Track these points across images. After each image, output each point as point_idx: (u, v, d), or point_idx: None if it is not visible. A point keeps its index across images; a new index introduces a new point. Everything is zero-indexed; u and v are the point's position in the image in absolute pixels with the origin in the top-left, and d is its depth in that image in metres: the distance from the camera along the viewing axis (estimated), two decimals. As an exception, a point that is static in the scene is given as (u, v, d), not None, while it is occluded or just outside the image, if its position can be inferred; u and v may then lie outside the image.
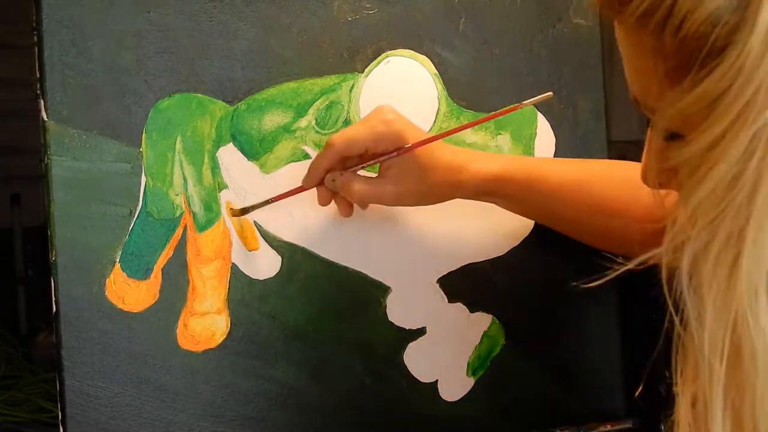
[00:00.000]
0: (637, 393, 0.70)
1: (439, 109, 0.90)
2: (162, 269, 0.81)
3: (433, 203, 0.85)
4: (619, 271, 0.59)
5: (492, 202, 0.86)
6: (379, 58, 0.87)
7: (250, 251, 0.83)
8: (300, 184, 0.83)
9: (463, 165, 0.83)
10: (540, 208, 0.86)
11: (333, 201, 0.84)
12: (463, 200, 0.90)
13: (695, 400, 0.53)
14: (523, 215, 0.89)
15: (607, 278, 0.61)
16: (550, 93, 0.81)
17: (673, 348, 0.55)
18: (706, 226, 0.51)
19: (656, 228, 0.56)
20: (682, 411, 0.54)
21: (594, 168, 0.88)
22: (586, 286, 0.65)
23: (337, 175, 0.81)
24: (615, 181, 0.85)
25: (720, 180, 0.50)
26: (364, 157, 0.82)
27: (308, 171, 0.82)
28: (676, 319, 0.54)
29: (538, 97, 0.81)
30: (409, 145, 0.80)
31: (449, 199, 0.85)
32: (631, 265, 0.57)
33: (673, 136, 0.56)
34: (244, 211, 0.82)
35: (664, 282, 0.54)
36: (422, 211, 0.87)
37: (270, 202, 0.82)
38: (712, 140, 0.50)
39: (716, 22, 0.50)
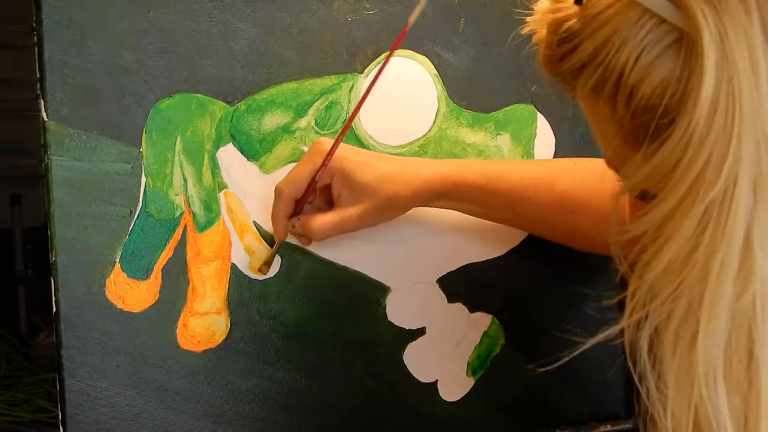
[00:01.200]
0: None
1: (438, 109, 0.90)
2: (162, 269, 0.81)
3: (395, 216, 0.84)
4: (581, 349, 0.59)
5: (452, 208, 0.85)
6: (379, 58, 0.87)
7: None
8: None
9: (415, 171, 0.82)
10: (502, 210, 0.85)
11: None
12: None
13: None
14: (487, 219, 0.87)
15: (573, 354, 0.60)
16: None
17: (639, 422, 0.54)
18: (664, 300, 0.50)
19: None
20: None
21: (556, 165, 0.87)
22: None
23: (294, 221, 0.81)
24: (578, 175, 0.83)
25: (675, 255, 0.50)
26: (314, 189, 0.81)
27: (272, 223, 0.82)
28: (643, 392, 0.53)
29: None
30: (329, 148, 0.80)
31: (409, 208, 0.83)
32: (594, 342, 0.56)
33: (644, 195, 0.55)
34: (267, 264, 0.83)
35: (627, 355, 0.53)
36: (422, 211, 0.87)
37: (274, 251, 0.83)
38: (666, 213, 0.50)
39: (663, 93, 0.50)
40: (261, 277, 0.84)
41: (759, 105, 0.47)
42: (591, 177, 0.82)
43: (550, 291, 0.94)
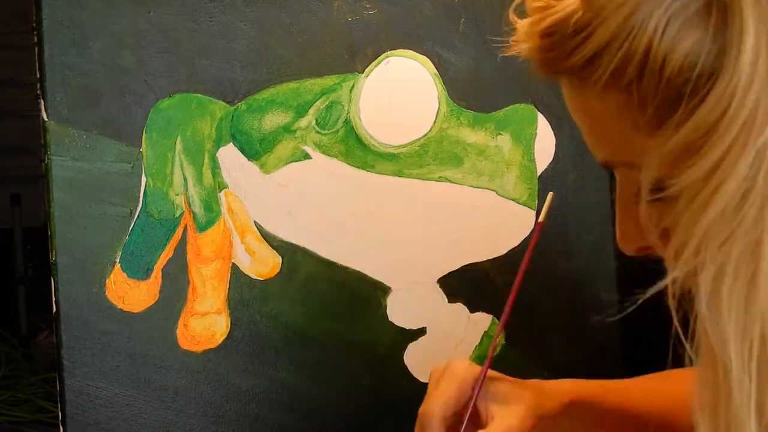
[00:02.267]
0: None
1: (439, 109, 0.90)
2: (162, 269, 0.81)
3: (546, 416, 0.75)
4: (637, 304, 0.57)
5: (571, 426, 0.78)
6: (379, 58, 0.87)
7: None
8: (299, 184, 0.83)
9: (542, 386, 0.76)
10: (620, 422, 0.77)
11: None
12: (461, 199, 0.90)
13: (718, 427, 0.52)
14: None
15: (631, 309, 0.59)
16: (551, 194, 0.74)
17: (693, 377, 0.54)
18: (719, 247, 0.50)
19: None
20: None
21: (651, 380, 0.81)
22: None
23: None
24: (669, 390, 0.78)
25: (729, 199, 0.49)
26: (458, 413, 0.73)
27: None
28: (689, 348, 0.52)
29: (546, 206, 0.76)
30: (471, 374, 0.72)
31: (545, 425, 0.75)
32: (649, 294, 0.55)
33: (655, 192, 0.54)
34: None
35: (673, 314, 0.53)
36: (422, 211, 0.87)
37: None
38: (712, 164, 0.49)
39: (698, 57, 0.49)
40: (261, 278, 0.84)
41: None
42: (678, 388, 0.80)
43: (550, 291, 0.94)
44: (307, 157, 0.85)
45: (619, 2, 0.51)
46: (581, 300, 0.93)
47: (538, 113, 0.93)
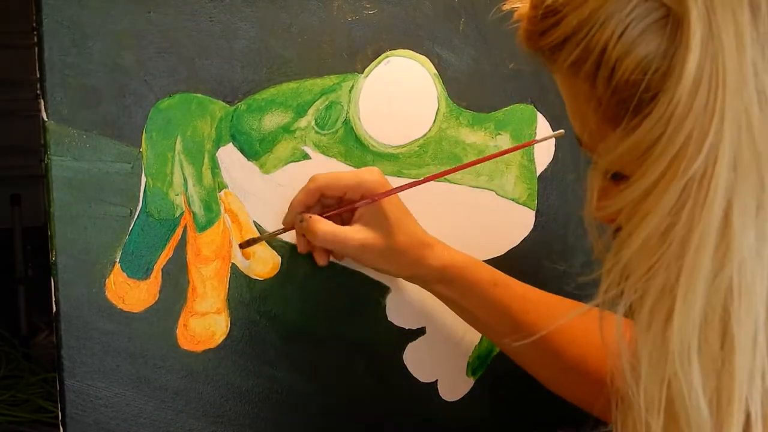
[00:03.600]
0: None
1: (438, 109, 0.90)
2: (162, 269, 0.81)
3: (391, 273, 0.83)
4: (555, 325, 0.57)
5: (447, 296, 0.83)
6: (379, 58, 0.87)
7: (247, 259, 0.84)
8: (299, 184, 0.83)
9: (434, 244, 0.82)
10: (498, 316, 0.82)
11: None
12: (463, 199, 0.90)
13: None
14: (477, 324, 0.85)
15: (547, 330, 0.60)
16: (562, 131, 0.79)
17: (612, 404, 0.54)
18: (640, 277, 0.50)
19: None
20: None
21: (558, 297, 0.85)
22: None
23: (305, 216, 0.80)
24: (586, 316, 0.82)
25: (652, 232, 0.49)
26: (342, 203, 0.81)
27: (288, 208, 0.82)
28: (616, 373, 0.52)
29: (551, 134, 0.79)
30: (385, 191, 0.80)
31: (407, 275, 0.83)
32: (567, 319, 0.56)
33: (617, 177, 0.55)
34: (249, 243, 0.83)
35: (600, 333, 0.53)
36: (422, 211, 0.87)
37: (269, 236, 0.83)
38: (645, 189, 0.49)
39: (646, 69, 0.50)
40: (261, 278, 0.84)
41: (743, 83, 0.47)
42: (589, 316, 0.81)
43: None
44: (306, 157, 0.85)
45: None
46: (581, 300, 0.93)
47: (538, 113, 0.93)
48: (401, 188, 0.81)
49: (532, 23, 0.56)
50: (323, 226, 0.80)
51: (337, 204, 0.82)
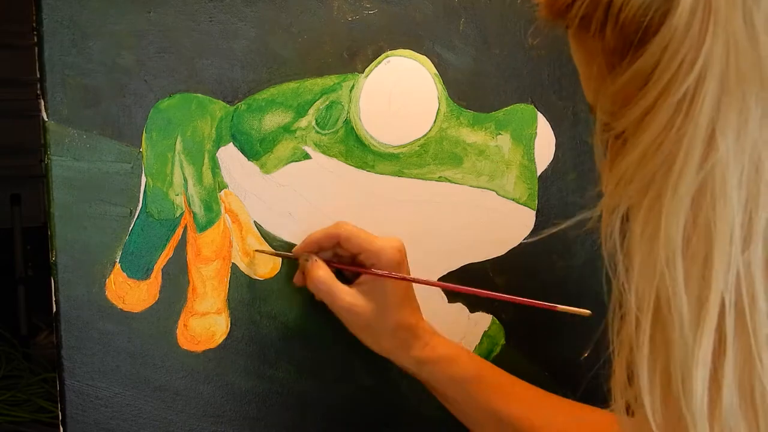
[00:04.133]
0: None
1: (439, 109, 0.90)
2: (162, 269, 0.81)
3: (372, 348, 0.83)
4: (558, 228, 0.65)
5: (425, 383, 0.84)
6: (379, 58, 0.87)
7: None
8: (299, 184, 0.83)
9: (423, 335, 0.83)
10: (482, 408, 0.83)
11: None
12: (463, 199, 0.90)
13: (630, 361, 0.56)
14: (453, 410, 0.85)
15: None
16: (588, 311, 0.79)
17: (609, 311, 0.58)
18: (636, 187, 0.55)
19: None
20: (618, 373, 0.57)
21: (558, 400, 0.85)
22: None
23: (311, 256, 0.82)
24: (575, 419, 0.83)
25: (648, 145, 0.54)
26: (355, 261, 0.83)
27: (304, 239, 0.83)
28: (614, 280, 0.57)
29: (575, 309, 0.80)
30: (395, 275, 0.81)
31: (387, 355, 0.83)
32: (569, 223, 0.62)
33: (606, 133, 0.59)
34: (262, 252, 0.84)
35: (603, 246, 0.57)
36: (422, 211, 0.87)
37: (281, 256, 0.84)
38: (642, 111, 0.54)
39: (649, 7, 0.54)
40: (261, 278, 0.84)
41: (732, 11, 0.51)
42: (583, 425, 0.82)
43: (550, 291, 0.94)
44: (307, 157, 0.85)
45: None
46: (581, 300, 0.93)
47: (538, 113, 0.93)
48: (413, 280, 0.82)
49: None
50: (321, 273, 0.81)
51: (350, 258, 0.83)
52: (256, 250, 0.83)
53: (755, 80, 0.52)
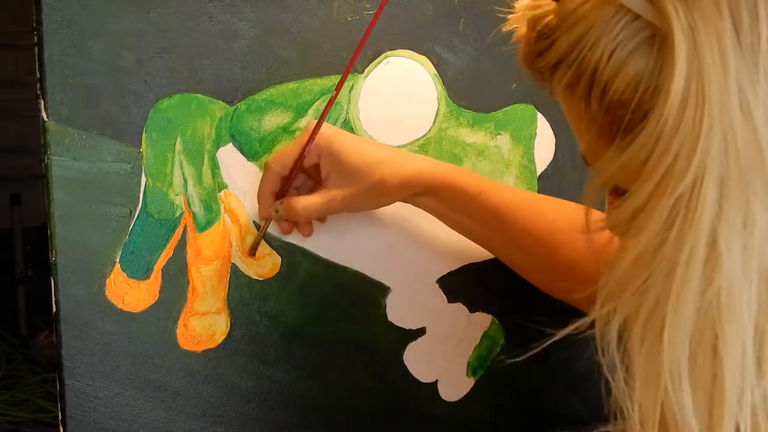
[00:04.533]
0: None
1: (438, 109, 0.90)
2: (162, 269, 0.81)
3: (381, 204, 0.83)
4: (552, 340, 0.59)
5: (437, 211, 0.83)
6: (379, 58, 0.87)
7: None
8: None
9: (407, 161, 0.82)
10: (488, 225, 0.83)
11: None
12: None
13: None
14: (471, 235, 0.85)
15: (543, 346, 0.61)
16: None
17: (611, 414, 0.55)
18: (633, 293, 0.51)
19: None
20: None
21: (549, 198, 0.86)
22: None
23: (278, 205, 0.81)
24: (568, 214, 0.83)
25: (644, 248, 0.50)
26: (308, 171, 0.82)
27: (258, 202, 0.82)
28: (612, 386, 0.54)
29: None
30: (315, 122, 0.80)
31: (397, 198, 0.82)
32: (564, 333, 0.56)
33: (617, 191, 0.56)
34: (254, 248, 0.83)
35: (598, 348, 0.54)
36: (422, 211, 0.87)
37: (262, 232, 0.83)
38: (637, 206, 0.51)
39: (636, 88, 0.50)
40: (261, 278, 0.84)
41: (727, 100, 0.48)
42: (578, 216, 0.82)
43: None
44: (307, 157, 0.85)
45: (579, 17, 0.52)
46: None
47: (538, 113, 0.93)
48: (322, 117, 0.80)
49: (528, 45, 0.57)
50: (300, 203, 0.80)
51: (307, 175, 0.82)
52: (251, 249, 0.83)
53: (759, 182, 0.48)
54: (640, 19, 0.50)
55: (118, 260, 0.79)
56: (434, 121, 0.90)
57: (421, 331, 0.90)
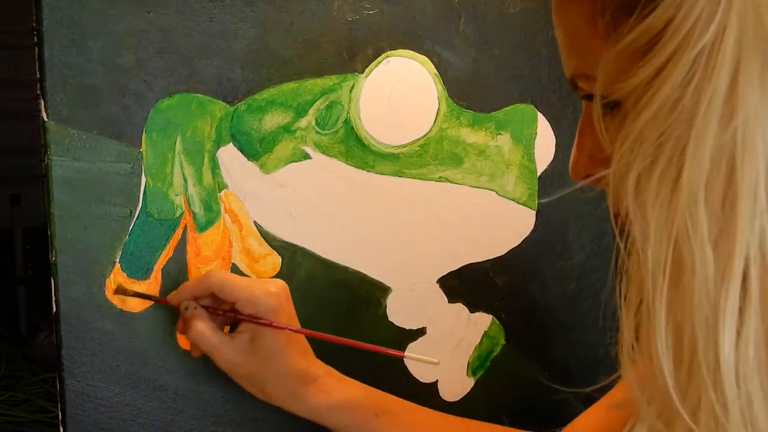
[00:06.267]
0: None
1: (439, 109, 0.90)
2: (162, 269, 0.81)
3: (263, 397, 0.79)
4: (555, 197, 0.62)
5: (327, 427, 0.82)
6: (379, 58, 0.87)
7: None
8: (299, 184, 0.83)
9: (316, 379, 0.79)
10: None
11: None
12: (461, 199, 0.90)
13: (639, 322, 0.55)
14: None
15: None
16: (437, 361, 0.80)
17: (617, 277, 0.57)
18: (651, 145, 0.54)
19: None
20: (626, 334, 0.56)
21: (461, 424, 0.86)
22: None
23: (192, 305, 0.77)
24: None
25: (663, 102, 0.53)
26: (232, 310, 0.78)
27: (178, 288, 0.79)
28: (622, 246, 0.56)
29: (423, 358, 0.80)
30: (272, 324, 0.77)
31: (284, 405, 0.80)
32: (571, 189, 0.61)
33: (610, 105, 0.58)
34: (125, 293, 0.79)
35: (610, 206, 0.57)
36: (422, 211, 0.87)
37: (149, 298, 0.80)
38: (655, 68, 0.53)
39: None
40: (261, 277, 0.84)
41: None
42: None
43: (550, 291, 0.94)
44: (307, 157, 0.85)
45: None
46: (581, 300, 0.93)
47: (538, 113, 0.93)
48: (295, 330, 0.78)
49: None
50: (200, 326, 0.76)
51: (231, 304, 0.78)
52: (129, 294, 0.78)
53: None
54: None
55: (118, 260, 0.79)
56: (435, 121, 0.90)
57: (421, 331, 0.90)
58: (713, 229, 0.52)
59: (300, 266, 0.86)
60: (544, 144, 0.93)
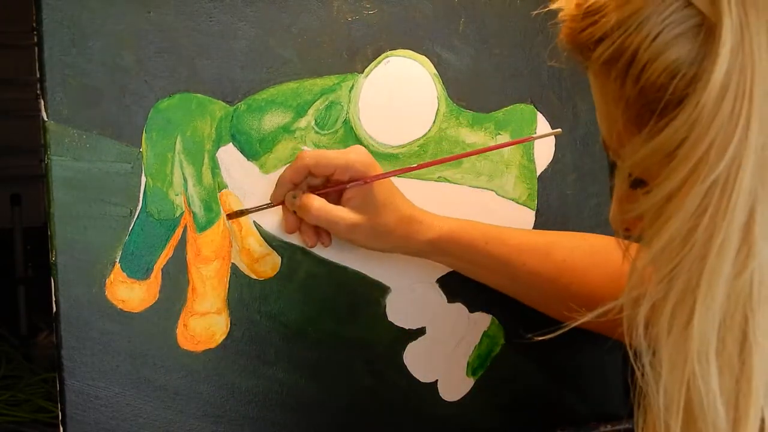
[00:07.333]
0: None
1: (438, 109, 0.90)
2: (162, 269, 0.81)
3: (384, 250, 0.84)
4: (576, 323, 0.59)
5: (452, 265, 0.87)
6: (379, 58, 0.87)
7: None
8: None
9: (422, 218, 0.84)
10: (499, 273, 0.86)
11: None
12: (463, 199, 0.91)
13: None
14: (485, 281, 0.88)
15: (562, 330, 0.61)
16: (560, 129, 0.84)
17: (634, 403, 0.55)
18: (663, 278, 0.51)
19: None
20: None
21: (556, 235, 0.88)
22: (539, 339, 0.66)
23: (298, 193, 0.81)
24: (577, 249, 0.85)
25: (675, 233, 0.50)
26: (330, 183, 0.82)
27: (276, 184, 0.82)
28: (638, 372, 0.54)
29: (549, 132, 0.84)
30: (376, 174, 0.81)
31: (399, 251, 0.85)
32: (590, 317, 0.56)
33: (637, 183, 0.57)
34: (238, 214, 0.82)
35: (625, 334, 0.54)
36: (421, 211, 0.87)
37: (256, 210, 0.83)
38: (668, 192, 0.51)
39: (675, 73, 0.51)
40: (261, 278, 0.84)
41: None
42: (590, 250, 0.84)
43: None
44: (307, 157, 0.85)
45: None
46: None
47: (538, 113, 0.93)
48: (391, 173, 0.83)
49: (574, 21, 0.58)
50: (317, 203, 0.80)
51: (323, 183, 0.82)
52: (233, 213, 0.82)
53: None
54: (691, 7, 0.51)
55: (118, 260, 0.79)
56: (434, 121, 0.90)
57: (421, 331, 0.90)
58: (726, 385, 0.50)
59: (300, 266, 0.86)
60: (544, 144, 0.94)
